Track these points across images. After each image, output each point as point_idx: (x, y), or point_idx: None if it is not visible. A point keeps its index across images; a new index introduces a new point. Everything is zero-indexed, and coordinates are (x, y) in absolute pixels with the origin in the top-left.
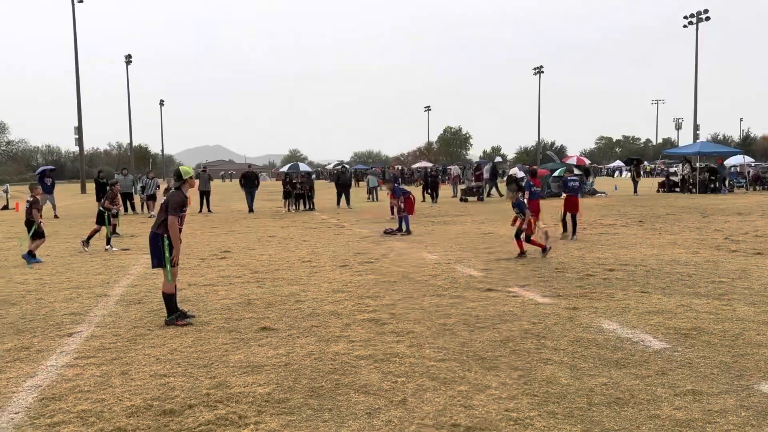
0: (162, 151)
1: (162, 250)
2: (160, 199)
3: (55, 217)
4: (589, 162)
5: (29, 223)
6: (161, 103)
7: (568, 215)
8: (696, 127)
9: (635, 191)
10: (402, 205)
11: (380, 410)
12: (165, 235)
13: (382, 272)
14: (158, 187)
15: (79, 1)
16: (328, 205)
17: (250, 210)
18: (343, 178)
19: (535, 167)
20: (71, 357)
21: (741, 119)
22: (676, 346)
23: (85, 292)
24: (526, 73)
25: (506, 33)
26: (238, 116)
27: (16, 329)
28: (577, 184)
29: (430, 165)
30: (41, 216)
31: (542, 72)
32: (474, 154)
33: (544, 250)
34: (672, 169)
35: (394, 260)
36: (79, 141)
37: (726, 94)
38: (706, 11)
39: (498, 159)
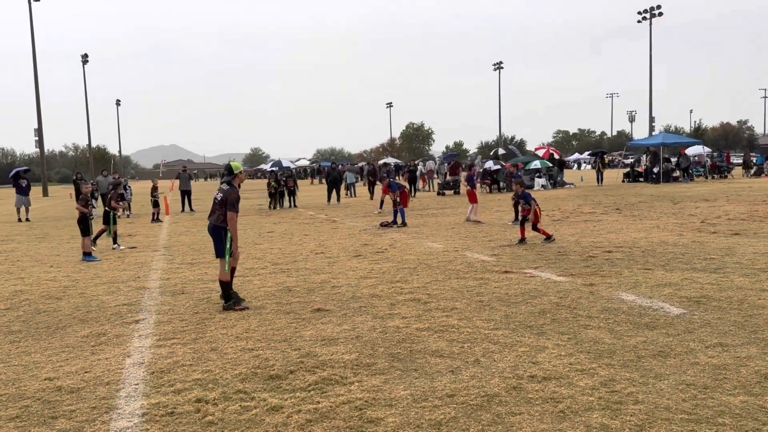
0: (120, 151)
1: (224, 241)
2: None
3: (27, 220)
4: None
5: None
6: (117, 103)
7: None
8: (651, 119)
9: (600, 182)
10: (398, 199)
11: (460, 368)
12: (227, 228)
13: (398, 260)
14: (127, 187)
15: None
16: (305, 202)
17: None
18: (333, 175)
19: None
20: (153, 339)
21: (691, 111)
22: (692, 311)
23: (123, 286)
24: (486, 69)
25: (466, 29)
26: (192, 115)
27: (79, 319)
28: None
29: (395, 161)
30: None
31: (502, 68)
32: (437, 149)
33: (548, 237)
34: (628, 161)
35: (402, 250)
36: (40, 143)
37: (676, 87)
38: (659, 7)
39: (501, 152)
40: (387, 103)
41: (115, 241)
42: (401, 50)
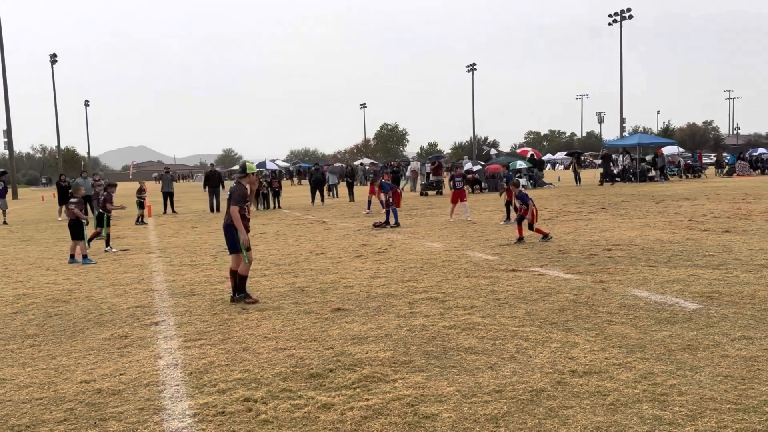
0: (88, 153)
1: (236, 238)
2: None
3: (4, 223)
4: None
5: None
6: (86, 103)
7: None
8: (622, 120)
9: (578, 182)
10: (391, 199)
11: (498, 365)
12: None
13: (401, 260)
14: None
15: None
16: (288, 203)
17: (213, 210)
18: (316, 176)
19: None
20: (179, 341)
21: (658, 112)
22: (707, 306)
23: (129, 289)
24: (460, 70)
25: (438, 30)
26: (161, 116)
27: (94, 322)
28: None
29: (370, 161)
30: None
31: (475, 69)
32: (411, 150)
33: (545, 236)
34: (598, 161)
35: (403, 250)
36: (9, 145)
37: (644, 88)
38: (629, 10)
39: (494, 152)
40: (361, 104)
41: (107, 244)
42: (374, 50)
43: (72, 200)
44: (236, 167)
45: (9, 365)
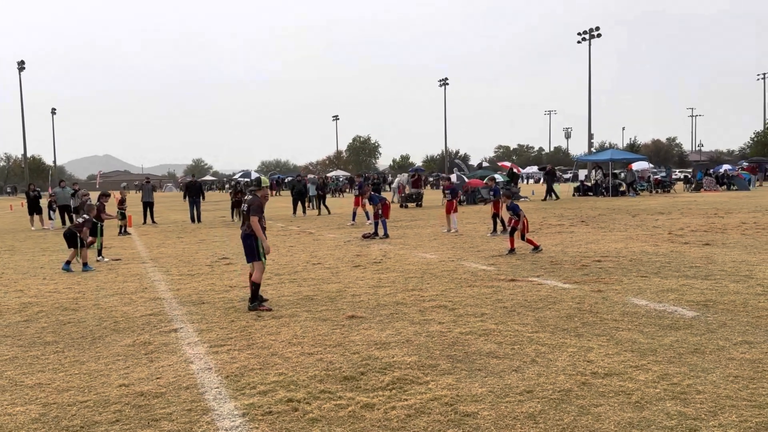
0: (54, 161)
1: (256, 247)
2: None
3: None
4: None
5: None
6: (53, 111)
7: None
8: (591, 136)
9: (552, 196)
10: (380, 211)
11: (522, 368)
12: (255, 235)
13: (400, 270)
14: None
15: None
16: (268, 214)
17: (194, 220)
18: (298, 188)
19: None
20: (205, 347)
21: (623, 128)
22: (704, 314)
23: (135, 297)
24: (432, 84)
25: (414, 43)
26: (127, 125)
27: (111, 329)
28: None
29: (344, 173)
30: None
31: (447, 84)
32: (383, 163)
33: (536, 248)
34: (567, 176)
35: (398, 260)
36: None
37: (609, 105)
38: (597, 28)
39: (486, 164)
40: (333, 116)
41: (99, 254)
42: (347, 62)
43: (82, 219)
44: (209, 177)
45: (39, 370)
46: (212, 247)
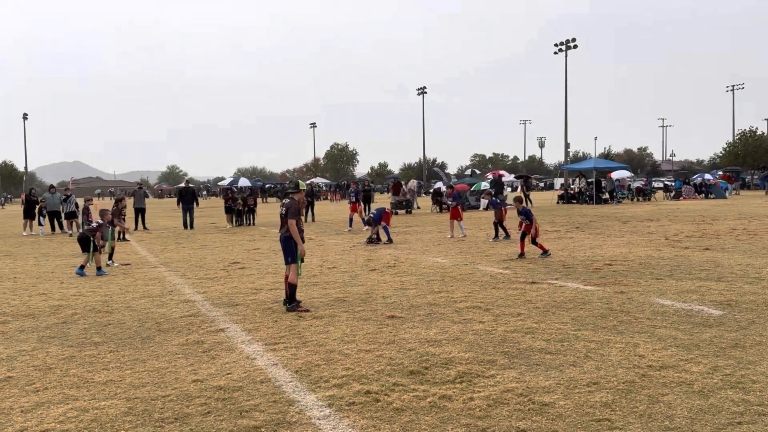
0: (26, 168)
1: (294, 249)
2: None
3: None
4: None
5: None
6: (25, 116)
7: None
8: (567, 146)
9: (529, 203)
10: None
11: (578, 363)
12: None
13: (418, 274)
14: (77, 205)
15: None
16: (258, 220)
17: (186, 227)
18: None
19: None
20: (260, 345)
21: (596, 138)
22: (731, 312)
23: (165, 300)
24: (411, 93)
25: (389, 54)
26: (97, 131)
27: (157, 330)
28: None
29: (325, 181)
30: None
31: (425, 93)
32: (361, 171)
33: (545, 252)
34: (542, 184)
35: (412, 264)
36: None
37: (581, 114)
38: (573, 40)
39: (477, 172)
40: (311, 123)
41: (110, 258)
42: (325, 68)
43: (96, 223)
44: (183, 185)
45: (103, 368)
46: (217, 252)
